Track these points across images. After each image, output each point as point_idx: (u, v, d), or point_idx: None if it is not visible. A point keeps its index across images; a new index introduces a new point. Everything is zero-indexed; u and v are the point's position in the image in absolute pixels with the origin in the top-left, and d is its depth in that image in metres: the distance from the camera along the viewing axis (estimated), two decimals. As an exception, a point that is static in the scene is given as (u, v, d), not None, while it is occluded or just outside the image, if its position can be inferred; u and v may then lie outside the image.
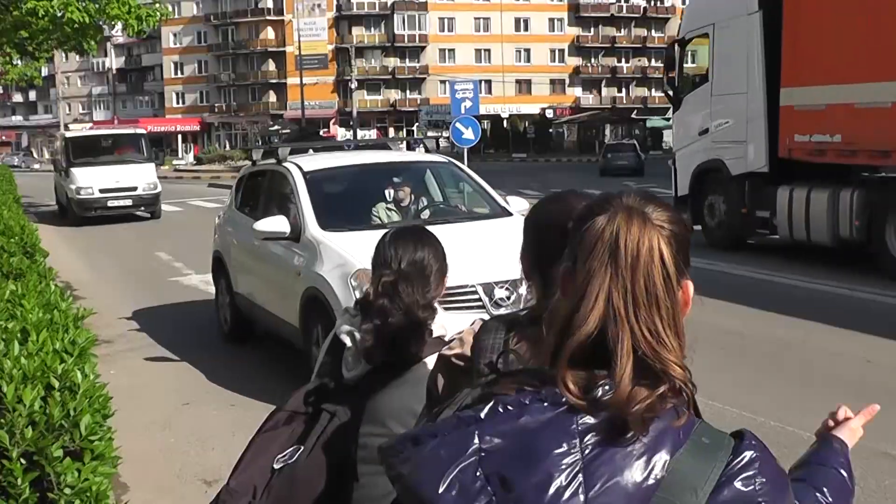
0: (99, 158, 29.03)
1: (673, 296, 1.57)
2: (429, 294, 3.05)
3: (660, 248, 1.57)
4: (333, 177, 10.19)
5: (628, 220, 1.58)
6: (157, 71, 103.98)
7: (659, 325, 1.55)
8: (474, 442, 1.52)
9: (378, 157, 11.33)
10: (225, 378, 9.81)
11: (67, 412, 3.33)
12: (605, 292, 1.55)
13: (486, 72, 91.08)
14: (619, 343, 1.53)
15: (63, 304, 4.92)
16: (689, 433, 1.55)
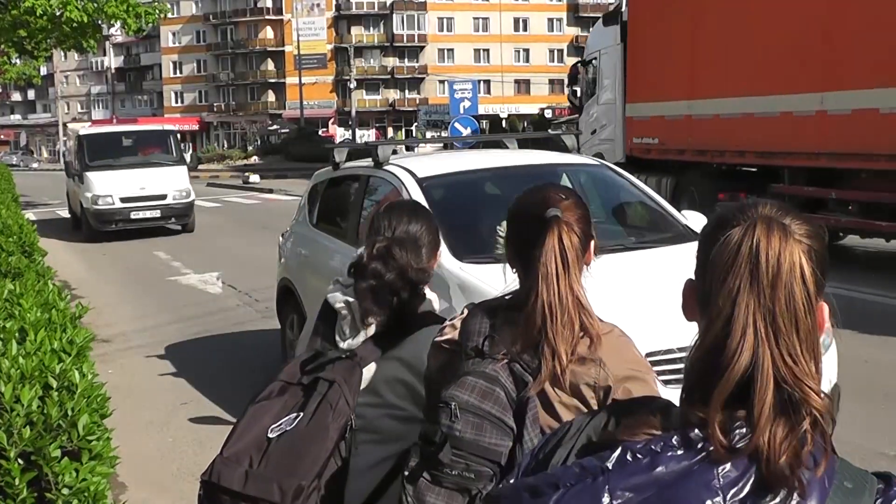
0: (120, 160, 23.80)
1: (813, 316, 1.43)
2: (421, 263, 3.08)
3: (801, 263, 1.42)
4: (456, 185, 7.59)
5: (768, 232, 1.43)
6: (156, 70, 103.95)
7: (799, 348, 1.40)
8: (604, 497, 1.36)
9: (507, 159, 8.31)
10: (222, 378, 9.79)
11: (65, 412, 3.32)
12: (752, 316, 1.40)
13: (484, 72, 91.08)
14: (761, 373, 1.38)
15: (61, 303, 4.91)
16: (832, 477, 1.40)
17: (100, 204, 22.62)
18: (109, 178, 22.83)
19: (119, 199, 22.67)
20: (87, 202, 22.84)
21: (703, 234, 1.53)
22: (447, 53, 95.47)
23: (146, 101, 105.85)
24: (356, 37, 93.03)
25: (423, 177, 7.19)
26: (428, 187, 7.03)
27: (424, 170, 7.34)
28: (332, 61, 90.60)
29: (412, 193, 6.81)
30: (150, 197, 22.99)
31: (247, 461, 2.90)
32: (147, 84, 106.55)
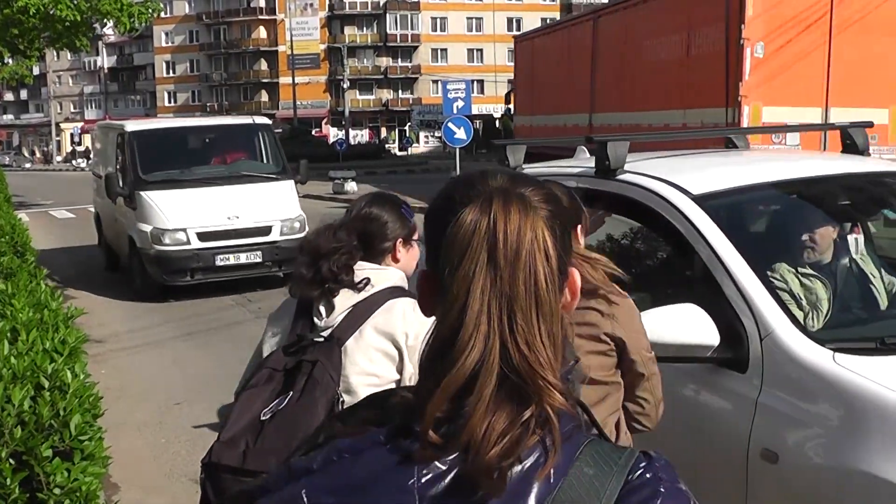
0: (193, 172, 15.33)
1: (556, 294, 1.30)
2: (377, 244, 3.28)
3: (543, 237, 1.29)
4: (754, 205, 5.09)
5: (505, 206, 1.29)
6: (149, 70, 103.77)
7: (538, 335, 1.27)
8: (303, 502, 1.28)
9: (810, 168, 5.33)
10: (215, 378, 9.78)
11: (57, 412, 3.32)
12: (487, 303, 1.27)
13: (478, 72, 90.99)
14: (486, 366, 1.25)
15: (53, 303, 4.90)
16: (578, 447, 1.29)
17: (166, 243, 14.09)
18: (179, 202, 14.41)
19: (196, 236, 14.20)
20: (142, 240, 14.22)
21: (429, 213, 1.37)
22: (440, 53, 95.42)
23: (139, 101, 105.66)
24: (349, 36, 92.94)
25: (700, 194, 4.40)
26: (714, 209, 4.31)
27: (697, 183, 4.52)
28: (325, 61, 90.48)
29: (691, 218, 4.23)
30: (246, 231, 14.41)
31: (243, 443, 3.04)
32: (140, 84, 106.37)
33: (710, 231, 4.10)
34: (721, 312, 3.84)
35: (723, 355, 3.81)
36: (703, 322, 3.76)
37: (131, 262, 14.93)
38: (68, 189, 44.45)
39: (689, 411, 4.02)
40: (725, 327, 3.78)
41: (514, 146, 5.63)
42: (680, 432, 3.98)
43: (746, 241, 4.32)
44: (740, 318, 3.81)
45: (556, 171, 5.39)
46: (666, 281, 4.88)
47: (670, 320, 3.77)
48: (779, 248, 4.61)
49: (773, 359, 3.68)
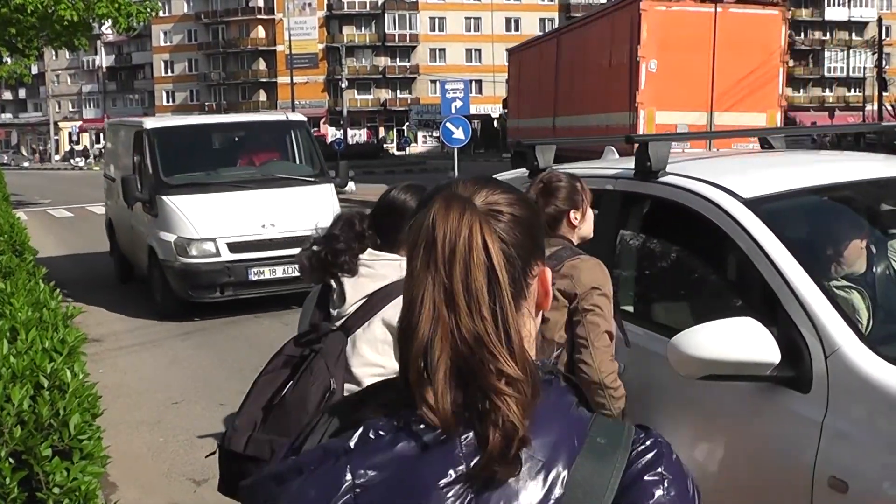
0: (220, 175, 13.96)
1: (502, 293, 1.37)
2: (398, 235, 3.26)
3: (482, 238, 1.38)
4: (814, 210, 4.63)
5: (446, 209, 1.40)
6: (148, 69, 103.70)
7: (482, 329, 1.35)
8: (346, 477, 1.34)
9: (869, 169, 4.88)
10: (214, 377, 9.79)
11: (56, 411, 3.33)
12: (431, 293, 1.37)
13: (476, 71, 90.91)
14: (435, 351, 1.35)
15: (52, 302, 4.90)
16: (583, 436, 1.41)
17: (192, 255, 12.59)
18: (207, 209, 12.95)
19: (227, 247, 12.67)
20: (165, 251, 12.76)
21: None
22: (439, 53, 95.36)
23: (137, 100, 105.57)
24: (348, 36, 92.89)
25: (751, 197, 4.04)
26: (767, 214, 3.93)
27: (746, 186, 4.14)
28: (323, 61, 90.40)
29: (743, 223, 3.88)
30: (282, 241, 12.42)
31: (252, 427, 3.16)
32: (138, 83, 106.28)
33: (765, 238, 3.78)
34: (779, 327, 3.53)
35: (783, 374, 3.48)
36: (763, 338, 3.43)
37: (151, 276, 13.42)
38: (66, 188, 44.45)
39: (745, 435, 3.75)
40: (784, 343, 3.47)
41: (543, 146, 5.36)
42: (736, 458, 3.76)
43: (802, 249, 3.89)
44: (801, 333, 3.49)
45: (589, 172, 4.93)
46: (713, 291, 4.57)
47: (726, 335, 3.45)
48: (825, 256, 4.22)
49: (839, 378, 3.36)
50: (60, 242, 21.79)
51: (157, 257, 12.94)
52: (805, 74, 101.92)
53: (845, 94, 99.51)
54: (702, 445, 3.90)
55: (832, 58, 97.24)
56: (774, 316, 3.58)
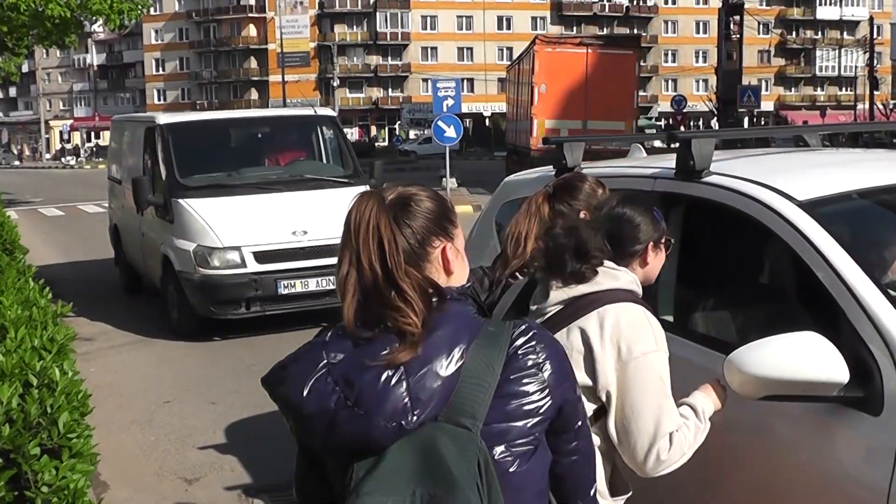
0: (243, 176, 12.65)
1: (387, 255, 2.08)
2: (628, 246, 3.25)
3: (376, 220, 2.10)
4: (871, 213, 4.39)
5: (360, 201, 2.16)
6: (139, 68, 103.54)
7: (370, 276, 2.08)
8: (323, 358, 2.09)
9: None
10: (206, 376, 9.77)
11: (45, 409, 3.30)
12: (347, 253, 2.12)
13: (468, 70, 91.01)
14: (348, 288, 2.11)
15: (42, 300, 4.88)
16: (479, 328, 2.12)
17: (215, 265, 11.23)
18: (230, 214, 11.62)
19: (253, 257, 11.28)
20: (183, 261, 11.40)
21: None
22: (430, 51, 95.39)
23: (129, 98, 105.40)
24: (339, 35, 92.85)
25: (807, 200, 3.77)
26: (825, 218, 3.67)
27: (800, 187, 3.88)
28: (315, 59, 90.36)
29: (801, 228, 3.61)
30: (316, 250, 11.24)
31: None
32: (130, 82, 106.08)
33: (826, 244, 3.48)
34: (843, 342, 3.20)
35: (851, 394, 3.17)
36: (829, 354, 3.10)
37: (164, 289, 12.03)
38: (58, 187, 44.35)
39: (809, 461, 3.41)
40: (851, 360, 3.14)
41: (571, 143, 5.09)
42: (798, 487, 3.43)
43: (864, 255, 3.55)
44: (870, 349, 3.19)
45: (626, 171, 4.79)
46: (765, 302, 4.20)
47: (789, 352, 3.12)
48: (884, 264, 3.87)
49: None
50: (52, 241, 21.73)
51: (172, 268, 11.55)
52: (796, 73, 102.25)
53: (836, 92, 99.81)
54: (758, 472, 3.56)
55: (823, 57, 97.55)
56: (837, 329, 3.29)
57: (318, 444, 2.13)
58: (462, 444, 2.01)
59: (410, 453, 2.00)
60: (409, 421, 2.00)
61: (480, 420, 2.04)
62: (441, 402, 2.03)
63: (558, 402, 2.16)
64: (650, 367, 2.99)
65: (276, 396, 2.14)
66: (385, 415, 2.00)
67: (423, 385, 2.01)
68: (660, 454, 2.95)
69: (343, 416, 2.03)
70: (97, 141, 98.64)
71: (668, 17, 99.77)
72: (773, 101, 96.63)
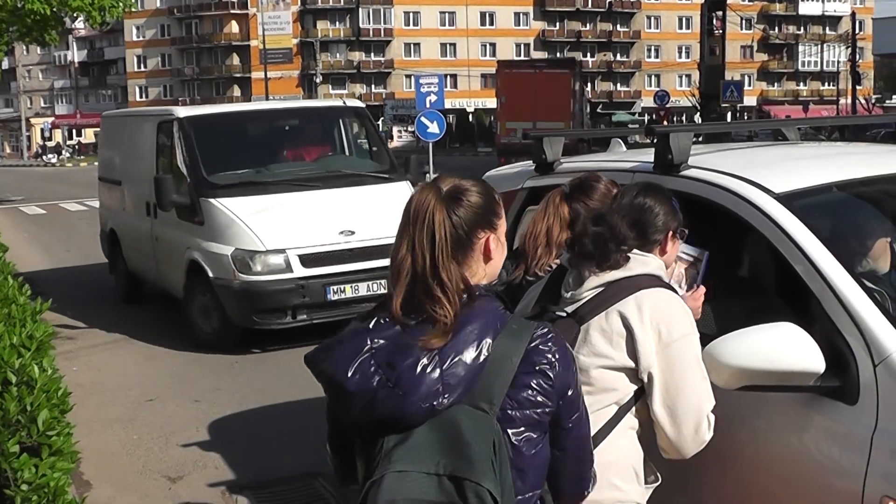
0: (273, 172, 11.75)
1: (436, 245, 2.31)
2: (650, 234, 3.31)
3: (438, 210, 2.33)
4: (848, 208, 4.38)
5: (422, 192, 2.37)
6: (120, 64, 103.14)
7: (432, 263, 2.31)
8: (367, 343, 2.32)
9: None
10: (189, 374, 9.74)
11: (24, 407, 3.28)
12: (406, 240, 2.35)
13: (451, 66, 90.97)
14: (403, 273, 2.34)
15: (21, 298, 4.84)
16: (504, 324, 2.37)
17: (257, 270, 10.28)
18: (270, 214, 10.71)
19: (299, 260, 10.32)
20: (219, 266, 10.44)
21: None
22: (413, 48, 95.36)
23: (110, 95, 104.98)
24: (322, 31, 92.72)
25: (784, 193, 3.81)
26: (802, 211, 3.70)
27: (777, 180, 3.90)
28: (297, 56, 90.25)
29: (779, 221, 3.64)
30: (366, 251, 10.40)
31: None
32: (111, 78, 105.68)
33: (803, 237, 3.53)
34: (820, 332, 3.27)
35: (828, 384, 3.24)
36: (806, 345, 3.18)
37: (190, 298, 10.98)
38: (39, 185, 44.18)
39: (786, 449, 3.44)
40: (828, 350, 3.21)
41: (550, 139, 5.05)
42: (776, 476, 3.47)
43: (840, 248, 3.58)
44: (846, 339, 3.25)
45: (605, 165, 4.70)
46: (743, 294, 4.22)
47: (767, 342, 3.20)
48: (858, 255, 3.92)
49: (890, 388, 3.13)
50: (33, 240, 21.62)
51: (201, 275, 10.61)
52: (779, 68, 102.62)
53: (819, 87, 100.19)
54: (738, 462, 3.58)
55: (806, 52, 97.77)
56: (814, 321, 3.36)
57: (355, 418, 2.35)
58: (480, 425, 2.27)
59: (437, 430, 2.26)
60: (440, 403, 2.26)
61: (497, 405, 2.30)
62: (467, 388, 2.28)
63: (559, 399, 2.41)
64: (690, 349, 3.11)
65: (319, 373, 2.38)
66: (420, 396, 2.25)
67: (454, 372, 2.27)
68: (703, 434, 3.08)
69: (383, 395, 2.27)
70: (79, 138, 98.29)
71: (650, 13, 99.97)
72: (756, 97, 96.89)
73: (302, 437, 7.41)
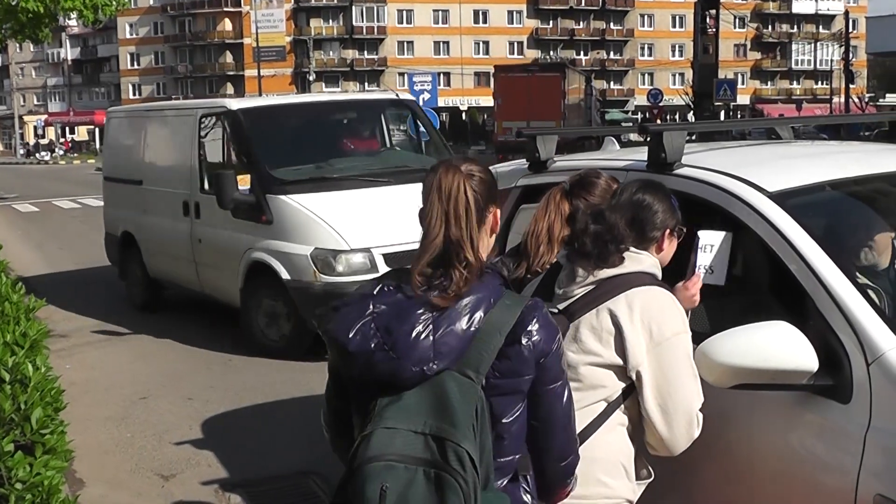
0: (336, 167, 11.12)
1: (471, 217, 2.55)
2: (647, 231, 3.34)
3: (464, 187, 2.56)
4: (842, 206, 4.39)
5: (446, 170, 2.60)
6: (114, 62, 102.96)
7: (459, 235, 2.53)
8: (370, 307, 2.53)
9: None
10: (182, 372, 9.72)
11: (18, 405, 3.28)
12: (438, 215, 2.55)
13: (444, 64, 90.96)
14: (436, 243, 2.53)
15: (14, 295, 4.83)
16: (499, 298, 2.55)
17: (339, 271, 9.69)
18: (346, 211, 10.09)
19: (383, 259, 9.71)
20: (295, 268, 9.84)
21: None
22: (407, 46, 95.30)
23: (103, 93, 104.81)
24: (315, 29, 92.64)
25: (777, 191, 3.80)
26: (796, 210, 3.70)
27: (771, 179, 3.90)
28: (291, 54, 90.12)
29: (772, 220, 3.64)
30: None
31: None
32: (104, 76, 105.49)
33: (796, 235, 3.53)
34: (813, 331, 3.27)
35: (821, 382, 3.23)
36: (799, 343, 3.18)
37: (249, 303, 10.31)
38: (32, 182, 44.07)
39: (779, 447, 3.43)
40: (821, 349, 3.21)
41: (544, 137, 4.97)
42: (769, 473, 3.45)
43: (833, 246, 3.58)
44: (840, 338, 3.25)
45: (599, 164, 4.54)
46: (737, 292, 4.14)
47: (760, 341, 3.20)
48: (854, 255, 3.92)
49: (883, 387, 3.12)
50: (26, 237, 21.58)
51: (267, 278, 10.04)
52: (773, 67, 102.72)
53: (812, 86, 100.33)
54: (731, 460, 3.58)
55: (799, 50, 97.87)
56: (807, 319, 3.35)
57: (355, 376, 2.56)
58: (466, 391, 2.46)
59: (426, 393, 2.46)
60: (430, 368, 2.45)
61: (483, 374, 2.49)
62: (457, 356, 2.47)
63: (536, 364, 2.58)
64: (682, 347, 3.13)
65: (325, 332, 2.60)
66: (413, 360, 2.45)
67: (445, 341, 2.46)
68: (693, 431, 3.13)
69: (379, 357, 2.47)
70: (72, 136, 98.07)
71: (644, 11, 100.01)
72: (749, 95, 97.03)
73: (295, 435, 7.42)
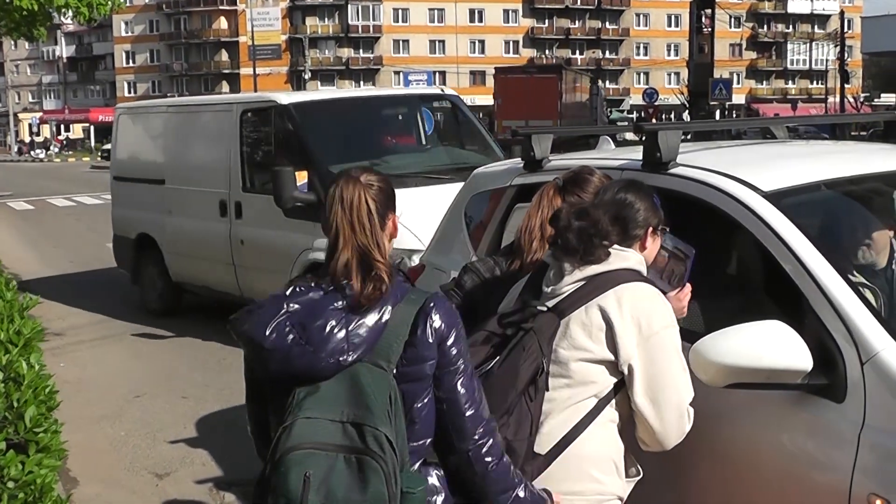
0: (390, 163, 10.73)
1: (374, 224, 2.72)
2: (630, 230, 3.33)
3: (364, 197, 2.73)
4: (835, 205, 4.38)
5: (346, 182, 2.76)
6: (109, 60, 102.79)
7: (366, 241, 2.70)
8: (283, 307, 2.67)
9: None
10: (177, 370, 9.72)
11: (11, 404, 3.27)
12: (342, 224, 2.71)
13: (440, 63, 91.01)
14: (344, 251, 2.71)
15: (8, 294, 4.82)
16: (404, 294, 2.76)
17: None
18: (418, 207, 8.62)
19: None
20: None
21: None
22: (402, 44, 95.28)
23: (99, 91, 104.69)
24: (311, 27, 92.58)
25: (772, 191, 3.80)
26: (790, 209, 3.70)
27: (765, 179, 3.89)
28: (286, 52, 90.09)
29: (766, 219, 3.64)
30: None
31: None
32: (100, 74, 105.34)
33: (791, 235, 3.53)
34: (807, 330, 3.27)
35: (815, 381, 3.23)
36: (793, 343, 3.19)
37: None
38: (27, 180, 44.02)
39: (773, 447, 3.41)
40: (815, 348, 3.22)
41: (539, 136, 4.91)
42: (763, 472, 3.45)
43: (828, 246, 3.57)
44: (834, 337, 3.26)
45: (594, 163, 4.40)
46: (731, 292, 4.21)
47: (754, 340, 3.20)
48: (849, 254, 3.94)
49: (877, 386, 3.13)
50: (21, 235, 21.56)
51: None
52: (768, 66, 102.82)
53: (808, 86, 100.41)
54: (725, 459, 3.57)
55: (795, 50, 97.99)
56: (802, 318, 3.35)
57: (272, 372, 2.68)
58: (379, 380, 2.63)
59: (342, 383, 2.62)
60: (345, 359, 2.62)
61: (394, 364, 2.67)
62: (369, 348, 2.65)
63: (438, 349, 2.74)
64: (671, 340, 3.14)
65: (240, 333, 2.70)
66: (328, 352, 2.61)
67: (358, 333, 2.64)
68: (684, 425, 3.13)
69: (297, 352, 2.62)
70: (67, 134, 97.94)
71: (639, 10, 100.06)
72: (745, 94, 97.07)
73: (290, 433, 7.40)
